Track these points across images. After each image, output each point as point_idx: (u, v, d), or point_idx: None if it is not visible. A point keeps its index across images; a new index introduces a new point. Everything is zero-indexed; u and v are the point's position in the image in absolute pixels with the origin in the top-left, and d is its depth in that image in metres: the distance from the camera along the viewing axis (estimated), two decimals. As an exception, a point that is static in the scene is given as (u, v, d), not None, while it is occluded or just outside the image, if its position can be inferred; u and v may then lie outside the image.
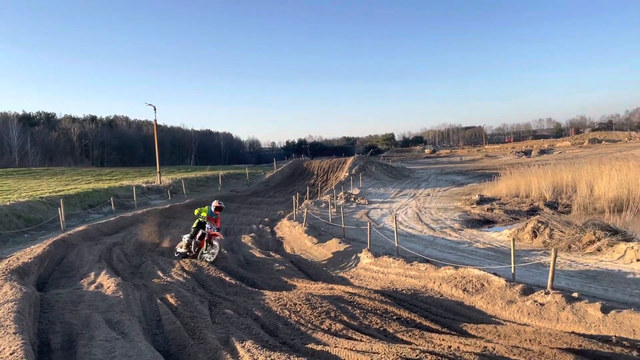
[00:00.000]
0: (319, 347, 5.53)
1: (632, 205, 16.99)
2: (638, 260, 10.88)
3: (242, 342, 5.71)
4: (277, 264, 11.99)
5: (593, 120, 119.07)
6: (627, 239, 12.21)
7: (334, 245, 13.62)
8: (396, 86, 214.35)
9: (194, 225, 12.59)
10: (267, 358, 5.10)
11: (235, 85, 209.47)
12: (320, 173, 46.39)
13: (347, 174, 40.85)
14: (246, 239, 15.86)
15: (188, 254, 12.42)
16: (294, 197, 23.18)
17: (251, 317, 7.25)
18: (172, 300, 7.97)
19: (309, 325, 6.67)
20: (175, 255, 12.75)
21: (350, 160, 49.40)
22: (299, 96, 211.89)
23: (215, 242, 12.13)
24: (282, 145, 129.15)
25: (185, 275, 10.25)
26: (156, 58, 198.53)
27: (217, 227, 12.71)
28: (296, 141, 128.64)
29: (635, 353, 5.10)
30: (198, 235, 12.35)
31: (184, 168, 63.90)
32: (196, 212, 12.72)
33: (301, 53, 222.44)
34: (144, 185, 33.47)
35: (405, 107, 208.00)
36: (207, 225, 12.32)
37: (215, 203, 12.89)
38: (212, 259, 11.84)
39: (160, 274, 10.39)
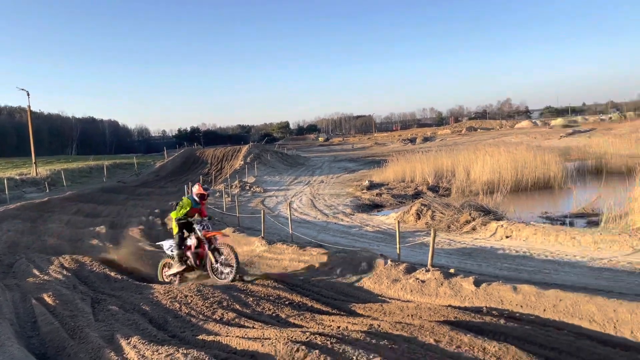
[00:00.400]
0: (210, 338, 5.46)
1: (502, 188, 18.85)
2: (507, 237, 12.10)
3: (127, 339, 5.47)
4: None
5: (470, 110, 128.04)
6: (498, 218, 13.52)
7: (228, 235, 13.45)
8: (290, 74, 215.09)
9: (176, 230, 9.17)
10: (155, 352, 4.93)
11: (121, 71, 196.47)
12: (214, 162, 45.44)
13: (242, 162, 40.48)
14: (134, 231, 15.18)
15: (188, 273, 9.24)
16: (186, 187, 22.50)
17: (138, 312, 6.97)
18: (49, 300, 7.42)
19: (201, 316, 6.56)
20: (166, 279, 9.38)
21: (245, 148, 48.90)
22: (191, 83, 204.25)
23: (222, 248, 8.73)
24: (173, 134, 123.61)
25: (64, 272, 9.57)
26: (30, 41, 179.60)
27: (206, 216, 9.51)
28: (189, 129, 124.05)
29: (502, 321, 5.64)
30: (193, 244, 8.98)
31: (64, 158, 58.92)
32: (173, 215, 9.25)
33: (189, 38, 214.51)
34: (17, 177, 30.73)
35: (300, 95, 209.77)
36: (196, 227, 8.89)
37: (197, 188, 9.29)
38: (232, 275, 8.44)
39: (37, 273, 9.62)
